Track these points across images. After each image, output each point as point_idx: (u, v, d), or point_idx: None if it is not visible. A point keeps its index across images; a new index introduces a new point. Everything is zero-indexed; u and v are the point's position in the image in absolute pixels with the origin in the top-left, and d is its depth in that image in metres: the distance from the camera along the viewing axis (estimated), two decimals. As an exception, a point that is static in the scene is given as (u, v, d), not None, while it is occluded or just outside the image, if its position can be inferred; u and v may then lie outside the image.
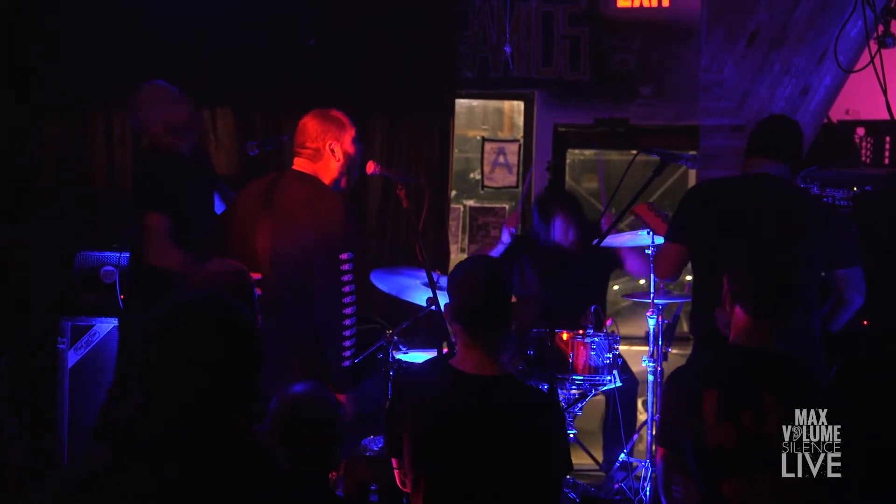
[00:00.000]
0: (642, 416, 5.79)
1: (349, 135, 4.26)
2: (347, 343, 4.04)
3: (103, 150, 6.30)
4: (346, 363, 4.04)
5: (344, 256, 4.02)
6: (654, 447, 4.91)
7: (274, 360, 3.45)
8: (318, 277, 4.01)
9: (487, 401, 3.06)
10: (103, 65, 6.18)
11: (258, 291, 4.00)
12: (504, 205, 7.29)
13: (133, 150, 6.29)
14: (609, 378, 5.00)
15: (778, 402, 3.00)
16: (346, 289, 4.02)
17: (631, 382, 5.47)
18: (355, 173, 4.35)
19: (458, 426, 3.04)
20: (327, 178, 4.20)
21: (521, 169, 7.09)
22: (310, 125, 4.23)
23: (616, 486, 5.21)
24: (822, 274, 4.06)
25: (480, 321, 3.11)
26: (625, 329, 5.72)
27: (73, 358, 5.43)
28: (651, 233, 5.04)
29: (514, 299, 3.21)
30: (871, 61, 4.39)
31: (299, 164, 4.23)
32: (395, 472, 3.19)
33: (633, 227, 5.74)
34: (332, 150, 4.20)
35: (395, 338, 4.95)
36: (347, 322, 4.03)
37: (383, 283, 5.28)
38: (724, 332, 3.29)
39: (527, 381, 4.35)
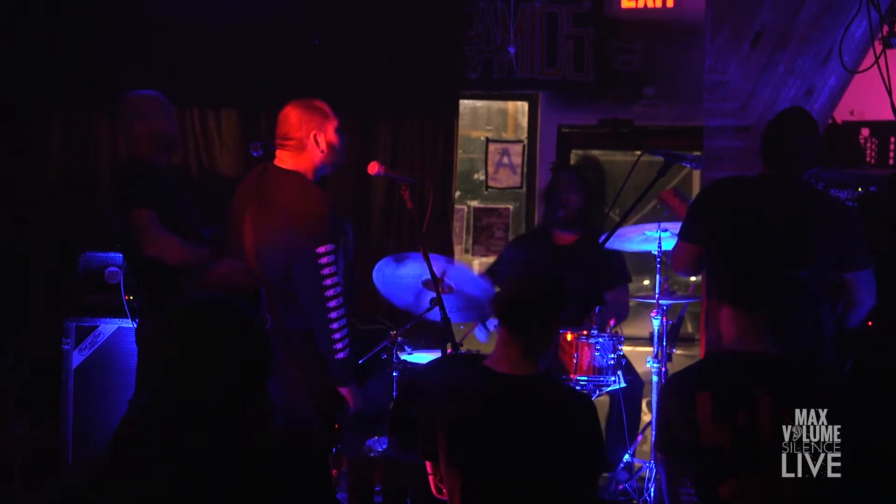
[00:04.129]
0: (647, 418, 5.78)
1: (332, 125, 4.23)
2: (338, 336, 4.02)
3: (107, 151, 6.30)
4: (341, 355, 4.03)
5: (321, 249, 3.99)
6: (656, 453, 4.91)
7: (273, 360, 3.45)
8: (299, 272, 4.01)
9: (521, 400, 3.06)
10: (106, 66, 6.19)
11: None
12: (508, 205, 7.29)
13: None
14: (613, 379, 4.99)
15: (772, 402, 3.00)
16: (328, 282, 4.00)
17: (636, 383, 5.46)
18: (341, 160, 4.34)
19: (494, 426, 3.04)
20: (311, 168, 4.19)
21: (524, 170, 7.09)
22: (292, 115, 4.20)
23: (620, 486, 5.20)
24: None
25: (519, 315, 3.10)
26: (629, 330, 5.71)
27: (77, 358, 5.44)
28: (665, 227, 5.03)
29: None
30: (876, 62, 4.38)
31: (282, 156, 4.20)
32: (430, 477, 3.18)
33: (639, 223, 5.74)
34: (317, 141, 4.17)
35: (400, 338, 4.94)
36: (334, 315, 4.01)
37: (387, 286, 5.26)
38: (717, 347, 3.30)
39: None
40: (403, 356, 4.90)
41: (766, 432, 2.99)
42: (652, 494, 4.91)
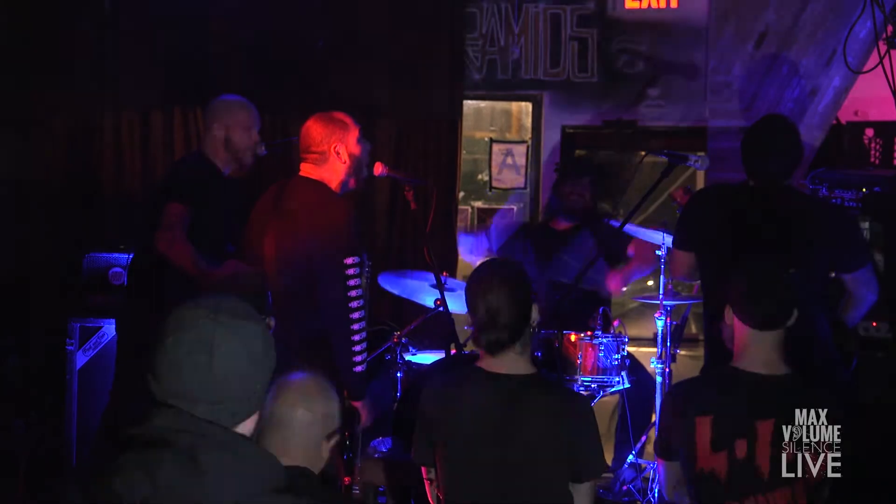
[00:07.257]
0: (651, 418, 5.77)
1: (353, 135, 4.24)
2: (358, 348, 3.99)
3: (111, 152, 6.30)
4: (359, 368, 4.00)
5: (349, 261, 3.98)
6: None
7: (278, 366, 3.44)
8: (323, 282, 3.98)
9: (518, 400, 3.06)
10: (109, 66, 6.19)
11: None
12: (512, 206, 7.28)
13: (141, 151, 6.31)
14: (617, 379, 5.00)
15: (773, 433, 2.99)
16: (353, 293, 3.98)
17: (643, 383, 5.45)
18: (363, 173, 4.33)
19: (491, 427, 3.04)
20: (335, 181, 4.18)
21: (528, 170, 7.09)
22: (313, 129, 4.21)
23: (624, 487, 5.20)
24: (832, 274, 4.05)
25: (504, 332, 3.09)
26: (633, 331, 5.70)
27: (81, 359, 5.44)
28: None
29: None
30: (881, 62, 4.38)
31: (306, 169, 4.20)
32: (426, 481, 3.18)
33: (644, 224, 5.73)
34: (338, 153, 4.17)
35: (404, 339, 4.95)
36: (356, 327, 3.98)
37: (391, 285, 5.27)
38: (728, 347, 3.28)
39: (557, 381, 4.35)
40: (408, 357, 4.91)
41: (763, 463, 2.99)
42: (656, 495, 4.91)
